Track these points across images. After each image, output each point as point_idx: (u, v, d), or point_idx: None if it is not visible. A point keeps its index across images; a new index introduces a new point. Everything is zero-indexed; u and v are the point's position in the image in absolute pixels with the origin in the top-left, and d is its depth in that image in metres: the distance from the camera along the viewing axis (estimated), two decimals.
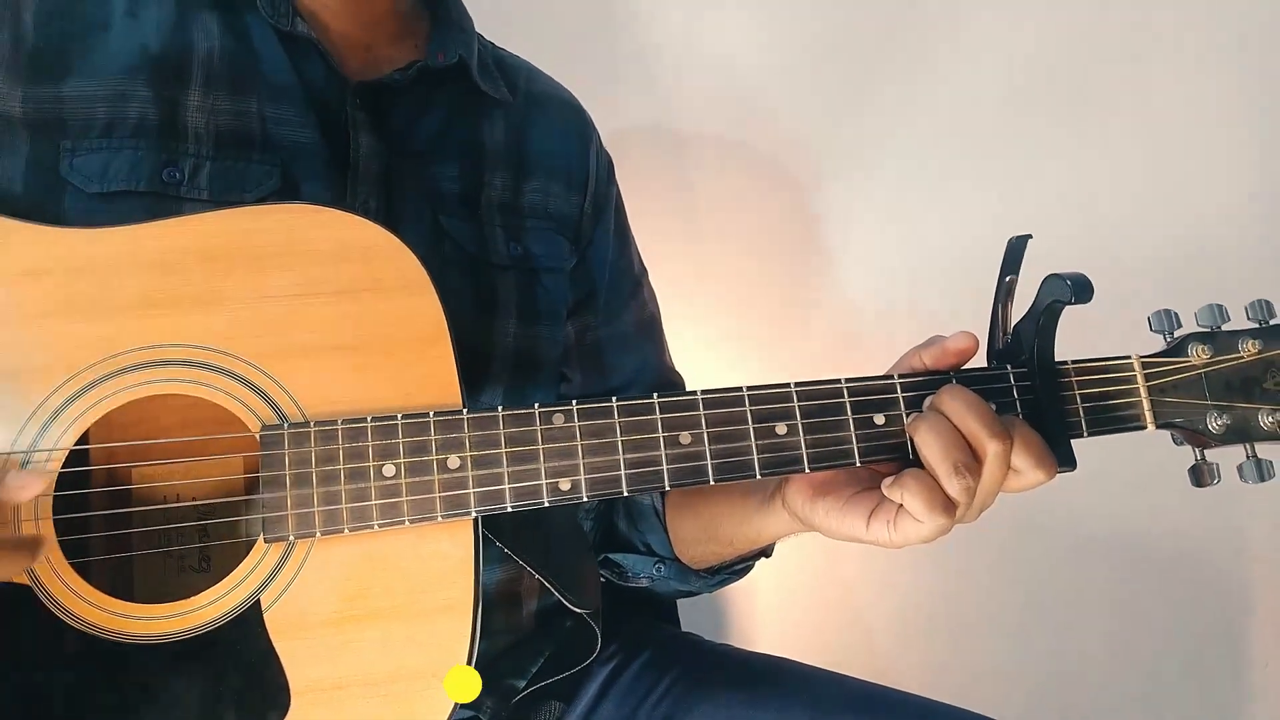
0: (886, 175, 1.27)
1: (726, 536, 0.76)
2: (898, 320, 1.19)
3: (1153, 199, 1.31)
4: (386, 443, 0.57)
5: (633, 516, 0.84)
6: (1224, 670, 1.39)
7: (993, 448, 0.57)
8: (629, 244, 0.90)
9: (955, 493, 0.57)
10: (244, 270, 0.58)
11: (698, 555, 0.81)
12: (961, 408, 0.58)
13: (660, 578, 0.83)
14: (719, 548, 0.78)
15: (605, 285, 0.85)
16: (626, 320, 0.87)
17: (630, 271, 0.89)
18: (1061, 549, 1.32)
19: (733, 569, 0.81)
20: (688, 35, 1.24)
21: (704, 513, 0.78)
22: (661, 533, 0.81)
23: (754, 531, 0.73)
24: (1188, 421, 0.63)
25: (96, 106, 0.65)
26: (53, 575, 0.54)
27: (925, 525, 0.58)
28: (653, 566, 0.82)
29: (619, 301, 0.87)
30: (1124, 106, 1.31)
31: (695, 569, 0.81)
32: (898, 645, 1.30)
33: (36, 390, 0.55)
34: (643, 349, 0.88)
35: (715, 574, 0.81)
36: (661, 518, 0.81)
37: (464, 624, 0.57)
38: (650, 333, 0.90)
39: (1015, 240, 0.63)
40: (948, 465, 0.57)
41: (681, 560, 0.81)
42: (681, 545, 0.81)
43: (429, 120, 0.76)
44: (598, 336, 0.85)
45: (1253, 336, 0.65)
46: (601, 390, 0.85)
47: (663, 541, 0.81)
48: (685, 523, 0.80)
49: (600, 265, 0.85)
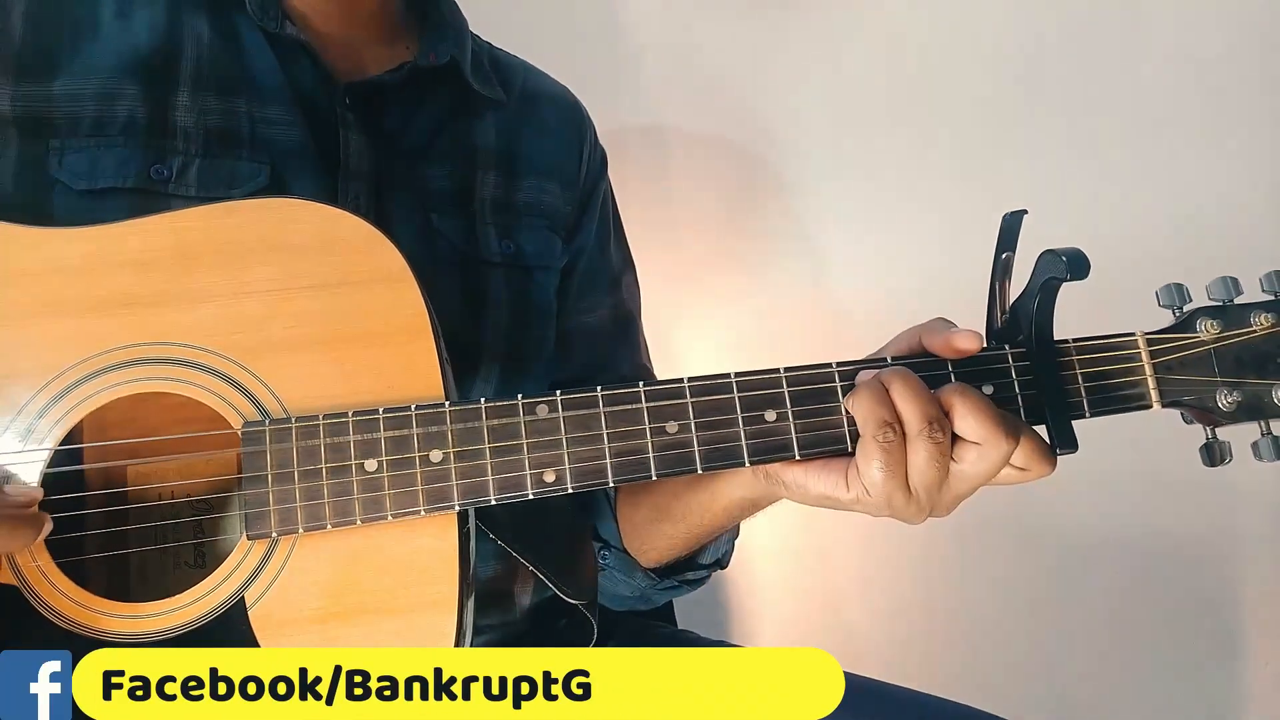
0: (878, 173, 1.25)
1: (680, 512, 0.72)
2: (887, 318, 1.16)
3: (1161, 178, 1.28)
4: (368, 437, 0.56)
5: (582, 500, 0.80)
6: (1223, 671, 1.36)
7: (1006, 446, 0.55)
8: (612, 239, 0.89)
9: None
10: (224, 266, 0.58)
11: (649, 542, 0.77)
12: (966, 409, 0.55)
13: (606, 566, 0.79)
14: (672, 528, 0.74)
15: (579, 274, 0.84)
16: (600, 314, 0.86)
17: (608, 266, 0.87)
18: (1059, 548, 1.29)
19: (683, 576, 0.78)
20: (676, 36, 1.23)
21: (655, 488, 0.74)
22: (610, 520, 0.78)
23: (707, 494, 0.69)
24: (1197, 399, 0.61)
25: (85, 105, 0.65)
26: (39, 575, 0.55)
27: (871, 446, 0.55)
28: (598, 553, 0.79)
29: (593, 294, 0.85)
30: (1126, 88, 1.28)
31: (643, 566, 0.78)
32: (892, 642, 1.29)
33: (20, 391, 0.55)
34: (612, 346, 0.86)
35: (663, 576, 0.78)
36: (612, 503, 0.79)
37: (449, 619, 0.56)
38: (624, 331, 0.87)
39: (1010, 216, 0.61)
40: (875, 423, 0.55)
41: (629, 553, 0.78)
42: (633, 531, 0.77)
43: (421, 121, 0.75)
44: (568, 325, 0.83)
45: (1266, 310, 0.62)
46: (563, 378, 0.82)
47: (610, 529, 0.78)
48: (638, 507, 0.77)
49: (579, 255, 0.84)
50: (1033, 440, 0.57)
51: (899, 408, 0.55)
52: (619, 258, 0.89)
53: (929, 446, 0.55)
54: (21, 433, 0.55)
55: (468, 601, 0.57)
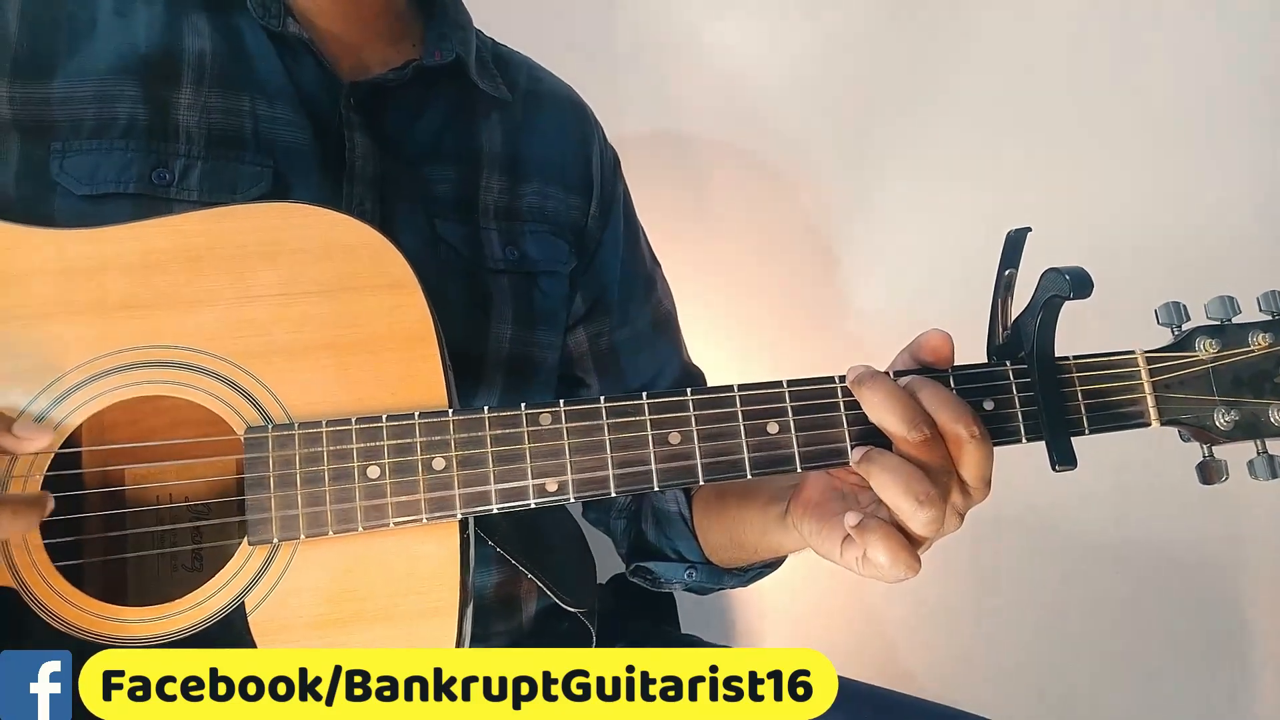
0: (892, 177, 1.26)
1: (751, 545, 0.74)
2: (902, 321, 1.17)
3: (1162, 194, 1.29)
4: (371, 444, 0.56)
5: (660, 524, 0.82)
6: (1225, 671, 1.36)
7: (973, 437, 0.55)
8: (639, 240, 0.88)
9: (921, 527, 0.55)
10: (228, 270, 0.58)
11: (726, 559, 0.79)
12: (936, 402, 0.56)
13: (694, 582, 0.81)
14: (744, 554, 0.76)
15: (618, 287, 0.84)
16: (642, 321, 0.86)
17: (642, 270, 0.87)
18: (1063, 554, 1.30)
19: (766, 562, 0.79)
20: (693, 36, 1.23)
21: (730, 523, 0.76)
22: (690, 539, 0.80)
23: (774, 543, 0.70)
24: (1194, 418, 0.61)
25: (85, 107, 0.65)
26: (38, 578, 0.54)
27: (888, 572, 0.56)
28: (684, 572, 0.81)
29: (634, 302, 0.85)
30: (1128, 103, 1.29)
31: (726, 569, 0.80)
32: (899, 648, 1.29)
33: (22, 392, 0.55)
34: (661, 347, 0.86)
35: (746, 571, 0.80)
36: (690, 524, 0.80)
37: (449, 627, 0.56)
38: (667, 330, 0.88)
39: (1014, 233, 0.61)
40: (910, 500, 0.54)
41: (712, 562, 0.80)
42: (710, 550, 0.79)
43: (425, 121, 0.75)
44: (613, 340, 0.84)
45: (1264, 330, 0.62)
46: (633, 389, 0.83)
47: (692, 547, 0.80)
48: (712, 531, 0.79)
49: (611, 268, 0.84)
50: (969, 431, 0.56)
51: (912, 488, 0.54)
52: (648, 257, 0.89)
53: (939, 521, 0.55)
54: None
55: (467, 609, 0.57)
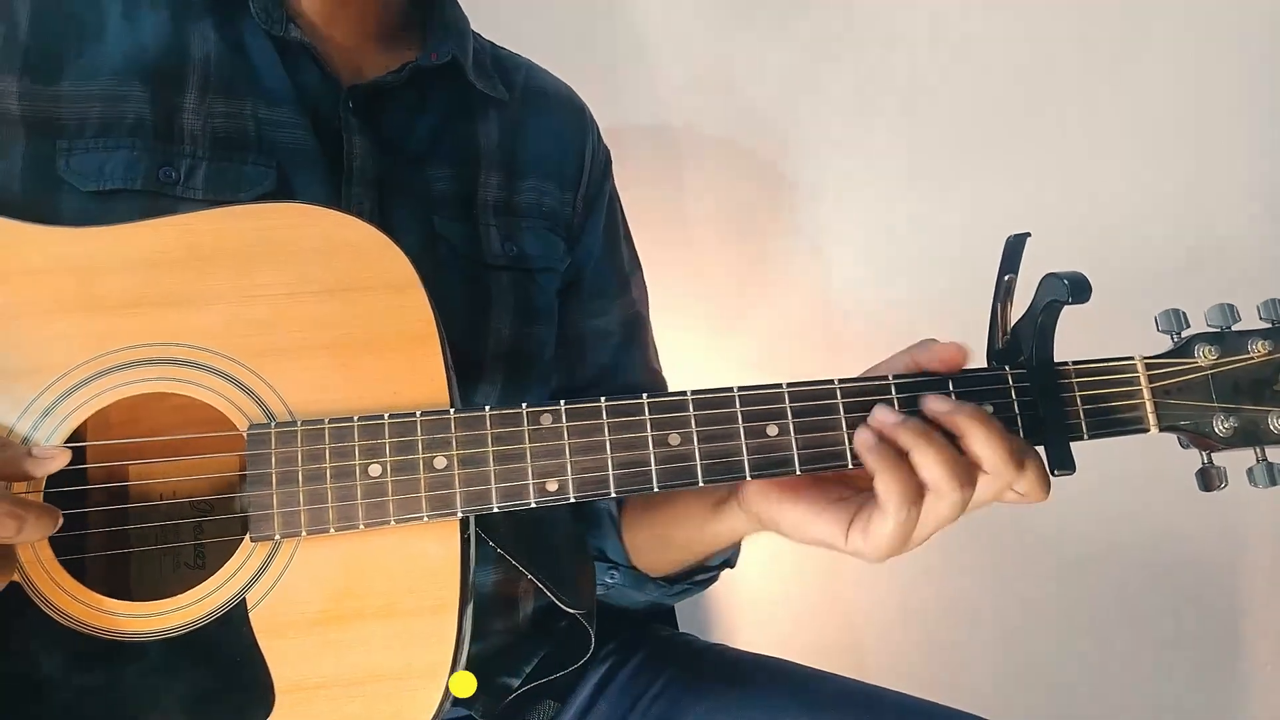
0: (881, 175, 1.26)
1: (682, 541, 0.74)
2: (902, 323, 1.17)
3: (1163, 199, 1.29)
4: (373, 442, 0.57)
5: (588, 522, 0.82)
6: (1224, 672, 1.37)
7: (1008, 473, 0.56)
8: (620, 241, 0.89)
9: (949, 507, 0.56)
10: (233, 269, 0.58)
11: (656, 562, 0.79)
12: (983, 438, 0.56)
13: (615, 584, 0.81)
14: (676, 554, 0.76)
15: (589, 279, 0.85)
16: (610, 318, 0.86)
17: (618, 269, 0.88)
18: (1058, 551, 1.30)
19: (694, 579, 0.79)
20: (679, 33, 1.23)
21: (658, 518, 0.76)
22: (615, 539, 0.80)
23: (710, 535, 0.71)
24: (1193, 424, 0.62)
25: (92, 106, 0.65)
26: (42, 572, 0.55)
27: (890, 518, 0.56)
28: (605, 573, 0.81)
29: (603, 298, 0.86)
30: (1126, 102, 1.29)
31: (653, 576, 0.79)
32: (892, 647, 1.29)
33: (27, 389, 0.56)
34: (623, 348, 0.87)
35: (674, 583, 0.79)
36: (616, 524, 0.80)
37: (450, 624, 0.56)
38: (633, 333, 0.88)
39: (1014, 239, 0.62)
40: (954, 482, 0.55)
41: (637, 568, 0.79)
42: (638, 553, 0.79)
43: (424, 121, 0.76)
44: (579, 330, 0.84)
45: (1263, 337, 0.63)
46: (574, 383, 0.83)
47: (617, 548, 0.80)
48: (640, 530, 0.79)
49: (586, 258, 0.84)
50: (1037, 467, 0.58)
51: (923, 475, 0.56)
52: (628, 258, 0.90)
53: (952, 507, 0.56)
54: (27, 431, 0.55)
55: (467, 608, 0.58)
